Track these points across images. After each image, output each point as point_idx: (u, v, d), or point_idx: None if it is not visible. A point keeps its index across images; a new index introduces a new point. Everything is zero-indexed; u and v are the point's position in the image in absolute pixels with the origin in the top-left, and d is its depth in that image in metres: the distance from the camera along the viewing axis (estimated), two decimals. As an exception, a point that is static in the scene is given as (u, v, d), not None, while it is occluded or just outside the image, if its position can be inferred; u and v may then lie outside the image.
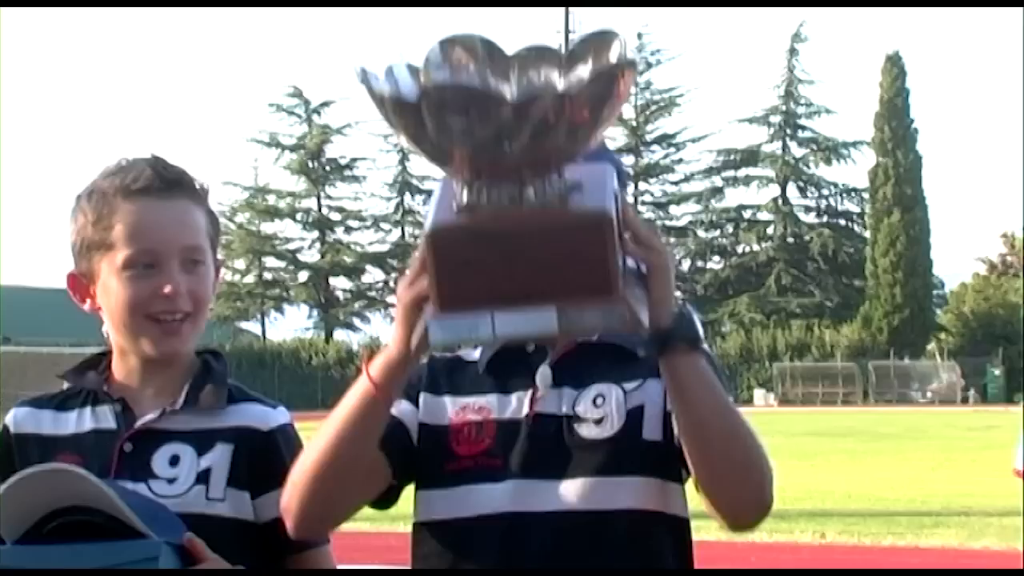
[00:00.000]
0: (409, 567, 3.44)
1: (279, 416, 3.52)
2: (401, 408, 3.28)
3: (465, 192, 2.82)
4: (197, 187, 3.50)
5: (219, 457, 3.41)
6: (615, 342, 3.30)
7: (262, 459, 3.43)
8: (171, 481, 3.37)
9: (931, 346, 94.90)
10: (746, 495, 3.08)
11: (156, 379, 3.50)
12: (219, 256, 3.59)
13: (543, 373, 3.27)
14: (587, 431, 3.23)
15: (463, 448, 3.28)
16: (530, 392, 3.27)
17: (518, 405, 3.29)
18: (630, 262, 2.92)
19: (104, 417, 3.47)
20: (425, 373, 3.38)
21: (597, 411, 3.24)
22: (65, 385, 3.60)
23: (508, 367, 3.33)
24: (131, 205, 3.42)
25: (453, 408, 3.34)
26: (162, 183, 3.43)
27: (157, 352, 3.44)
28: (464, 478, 3.27)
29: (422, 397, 3.35)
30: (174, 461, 3.40)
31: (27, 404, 3.62)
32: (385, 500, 3.35)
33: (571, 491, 3.20)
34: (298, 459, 3.20)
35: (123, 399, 3.47)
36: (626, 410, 3.24)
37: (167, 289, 3.38)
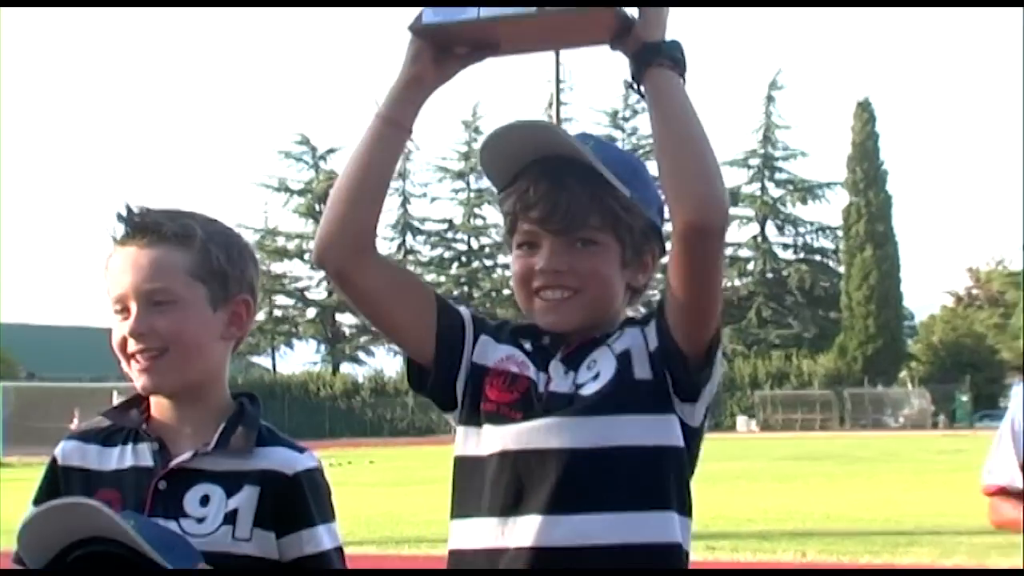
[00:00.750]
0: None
1: (305, 461, 3.50)
2: (463, 312, 3.47)
3: None
4: (175, 232, 3.45)
5: (246, 499, 3.40)
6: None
7: (286, 502, 3.43)
8: (200, 520, 3.37)
9: (903, 374, 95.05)
10: (714, 192, 3.18)
11: (191, 419, 3.50)
12: (242, 296, 3.55)
13: (555, 365, 3.34)
14: (588, 389, 3.28)
15: (493, 393, 3.35)
16: (546, 377, 3.32)
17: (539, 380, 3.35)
18: None
19: (143, 455, 3.47)
20: (485, 327, 3.48)
21: (592, 371, 3.30)
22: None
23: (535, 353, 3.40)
24: (112, 255, 3.49)
25: (499, 355, 3.41)
26: (131, 231, 3.46)
27: (142, 388, 3.47)
28: (487, 420, 3.34)
29: (482, 338, 3.44)
30: (204, 501, 3.39)
31: (75, 438, 3.61)
32: (422, 377, 3.45)
33: (576, 431, 3.25)
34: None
35: (160, 438, 3.47)
36: (615, 356, 3.30)
37: (128, 331, 3.41)
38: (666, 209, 3.27)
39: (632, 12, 3.21)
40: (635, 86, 3.24)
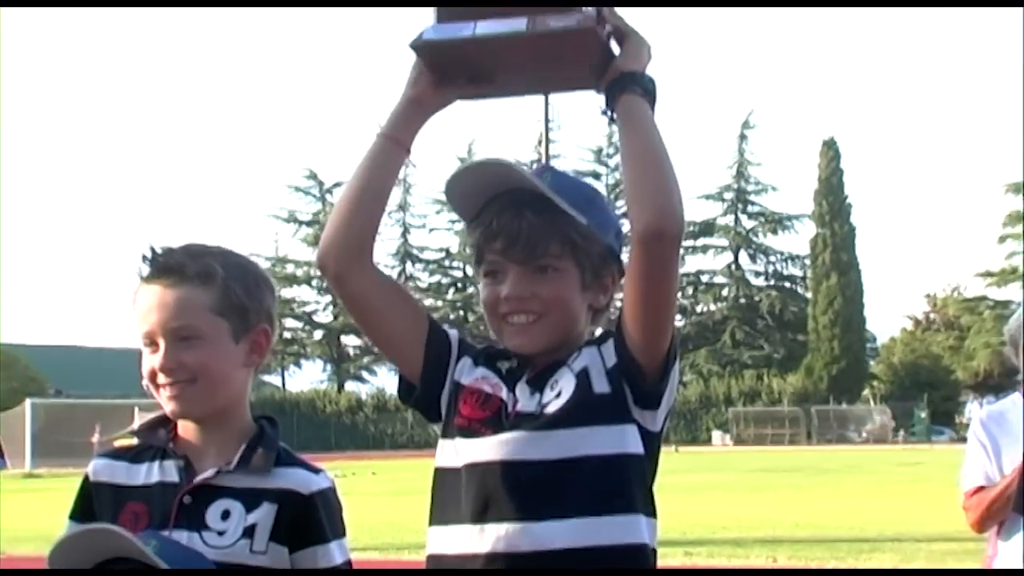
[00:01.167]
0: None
1: (320, 481, 3.53)
2: (451, 333, 3.54)
3: None
4: (197, 271, 3.48)
5: (264, 515, 3.44)
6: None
7: (301, 520, 3.46)
8: (221, 533, 3.40)
9: (865, 392, 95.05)
10: (672, 204, 3.20)
11: (215, 439, 3.54)
12: (262, 325, 3.61)
13: (521, 387, 3.38)
14: (551, 407, 3.31)
15: (466, 409, 3.40)
16: (514, 398, 3.36)
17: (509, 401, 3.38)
18: None
19: (169, 471, 3.50)
20: (469, 349, 3.52)
21: (555, 391, 3.33)
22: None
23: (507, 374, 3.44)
24: (139, 292, 3.52)
25: (475, 375, 3.45)
26: (156, 271, 3.51)
27: (171, 413, 3.53)
28: (459, 433, 3.39)
29: (464, 358, 3.49)
30: (225, 515, 3.43)
31: (105, 456, 3.67)
32: (406, 390, 3.54)
33: (540, 444, 3.28)
34: None
35: (186, 456, 3.51)
36: (574, 375, 3.32)
37: (158, 366, 3.46)
38: (625, 224, 3.32)
39: (614, 48, 3.31)
40: (609, 112, 3.31)
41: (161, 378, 3.46)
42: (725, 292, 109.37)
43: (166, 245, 3.54)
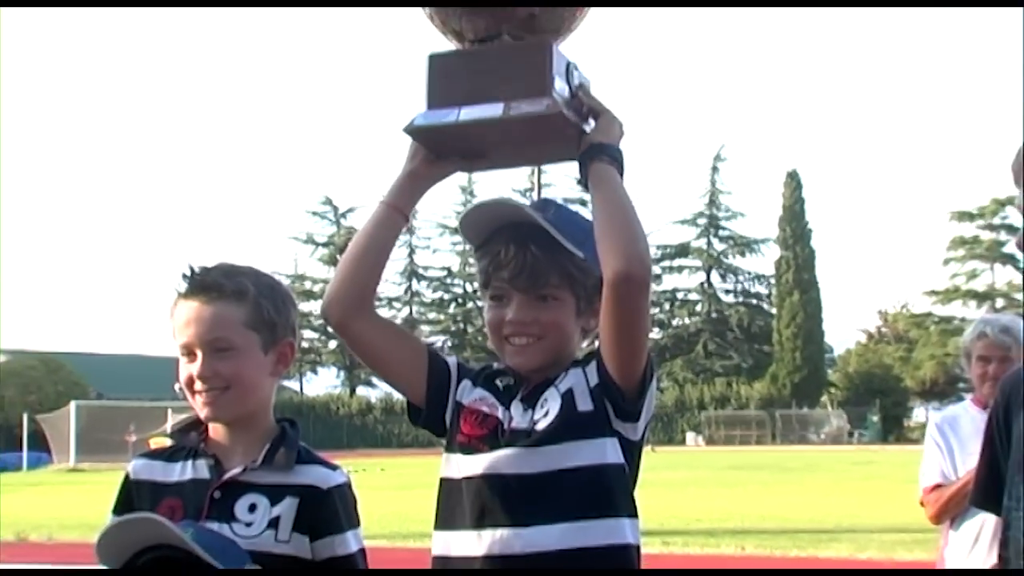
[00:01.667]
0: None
1: (337, 477, 3.56)
2: (449, 360, 3.57)
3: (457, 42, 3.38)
4: (232, 289, 3.52)
5: (287, 508, 3.46)
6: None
7: (320, 512, 3.49)
8: (248, 524, 3.43)
9: (824, 398, 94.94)
10: (639, 252, 3.24)
11: (242, 440, 3.56)
12: (288, 338, 3.64)
13: (515, 405, 3.41)
14: (541, 424, 3.34)
15: (466, 427, 3.44)
16: (509, 416, 3.39)
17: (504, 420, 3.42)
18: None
19: (201, 469, 3.53)
20: (467, 372, 3.56)
21: (544, 409, 3.36)
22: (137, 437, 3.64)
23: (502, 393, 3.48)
24: (178, 306, 3.55)
25: (474, 396, 3.48)
26: (194, 289, 3.54)
27: (205, 417, 3.57)
28: (460, 450, 3.43)
29: (464, 381, 3.52)
30: (252, 508, 3.46)
31: (144, 456, 3.72)
32: (414, 411, 3.57)
33: (530, 459, 3.31)
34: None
35: (216, 455, 3.54)
36: (560, 395, 3.35)
37: (195, 374, 3.49)
38: None
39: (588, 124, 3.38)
40: (583, 180, 3.36)
41: (198, 385, 3.49)
42: (698, 308, 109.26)
43: (203, 265, 3.57)
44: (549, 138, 3.39)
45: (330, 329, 3.77)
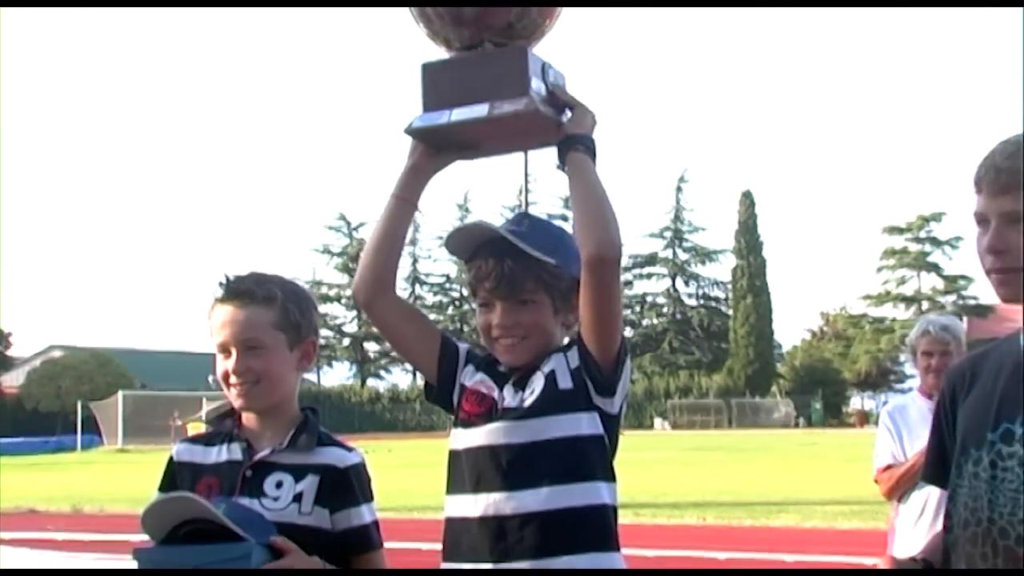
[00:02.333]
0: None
1: (353, 458, 3.57)
2: (460, 346, 3.62)
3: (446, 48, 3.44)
4: (263, 295, 3.56)
5: (309, 484, 3.48)
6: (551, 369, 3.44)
7: (338, 487, 3.50)
8: (275, 499, 3.46)
9: (773, 388, 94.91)
10: (611, 235, 3.28)
11: (270, 426, 3.58)
12: (311, 337, 3.67)
13: (508, 388, 3.45)
14: (527, 402, 3.38)
15: (467, 406, 3.49)
16: (503, 397, 3.43)
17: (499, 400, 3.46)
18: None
19: (234, 452, 3.56)
20: (473, 359, 3.59)
21: (530, 389, 3.40)
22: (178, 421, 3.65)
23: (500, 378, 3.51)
24: (215, 310, 3.58)
25: (476, 379, 3.52)
26: (230, 295, 3.57)
27: (239, 407, 3.60)
28: (462, 425, 3.48)
29: (469, 366, 3.56)
30: (279, 485, 3.48)
31: (185, 441, 3.77)
32: (430, 389, 3.63)
33: (518, 431, 3.34)
34: None
35: (247, 440, 3.57)
36: (544, 376, 3.38)
37: (230, 369, 3.53)
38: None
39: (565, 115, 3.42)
40: (561, 166, 3.38)
41: (232, 379, 3.53)
42: (665, 310, 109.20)
43: (237, 274, 3.62)
44: (530, 131, 3.44)
45: (352, 316, 3.80)
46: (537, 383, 3.38)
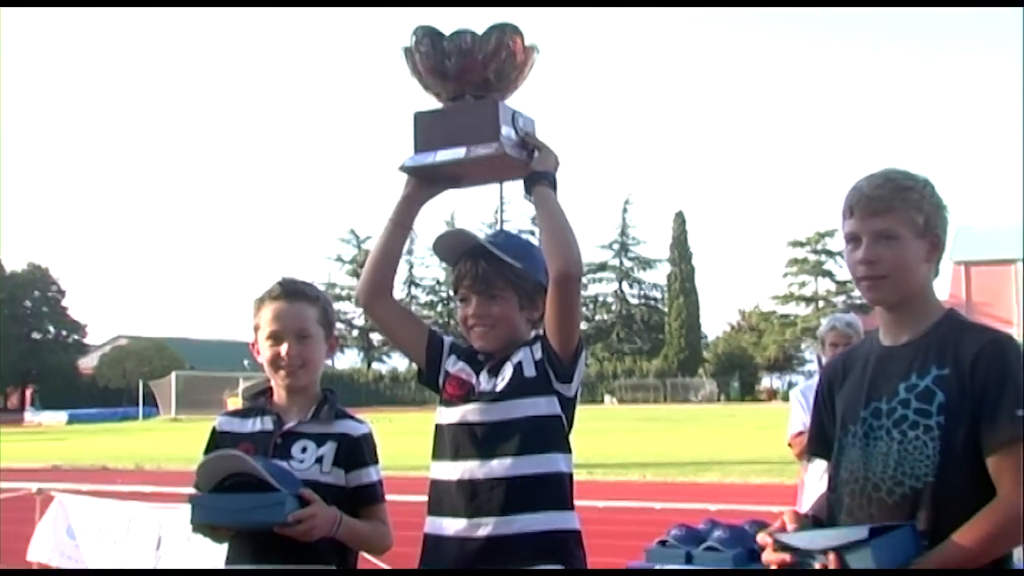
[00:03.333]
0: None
1: (364, 428, 3.60)
2: (445, 339, 3.57)
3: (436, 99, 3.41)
4: (311, 295, 3.63)
5: (328, 449, 3.49)
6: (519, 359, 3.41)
7: (352, 452, 3.53)
8: (301, 461, 3.47)
9: (700, 371, 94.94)
10: (573, 256, 3.26)
11: (297, 402, 3.59)
12: (335, 334, 3.73)
13: (484, 374, 3.43)
14: (498, 387, 3.36)
15: (450, 388, 3.46)
16: (478, 382, 3.42)
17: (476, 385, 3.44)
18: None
19: (267, 423, 3.57)
20: (456, 350, 3.54)
21: (501, 376, 3.38)
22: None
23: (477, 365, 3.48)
24: (268, 305, 3.59)
25: (458, 367, 3.49)
26: (284, 292, 3.60)
27: (285, 387, 3.60)
28: (445, 404, 3.46)
29: (452, 356, 3.52)
30: (303, 450, 3.49)
31: (226, 415, 3.75)
32: (421, 374, 3.58)
33: (489, 410, 3.34)
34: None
35: (277, 413, 3.58)
36: (512, 366, 3.37)
37: (282, 354, 3.54)
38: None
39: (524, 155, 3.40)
40: (528, 196, 3.37)
41: (283, 362, 3.54)
42: (613, 308, 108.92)
43: (289, 278, 3.66)
44: (501, 168, 3.43)
45: (360, 311, 3.83)
46: (507, 371, 3.36)
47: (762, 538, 2.86)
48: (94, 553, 9.83)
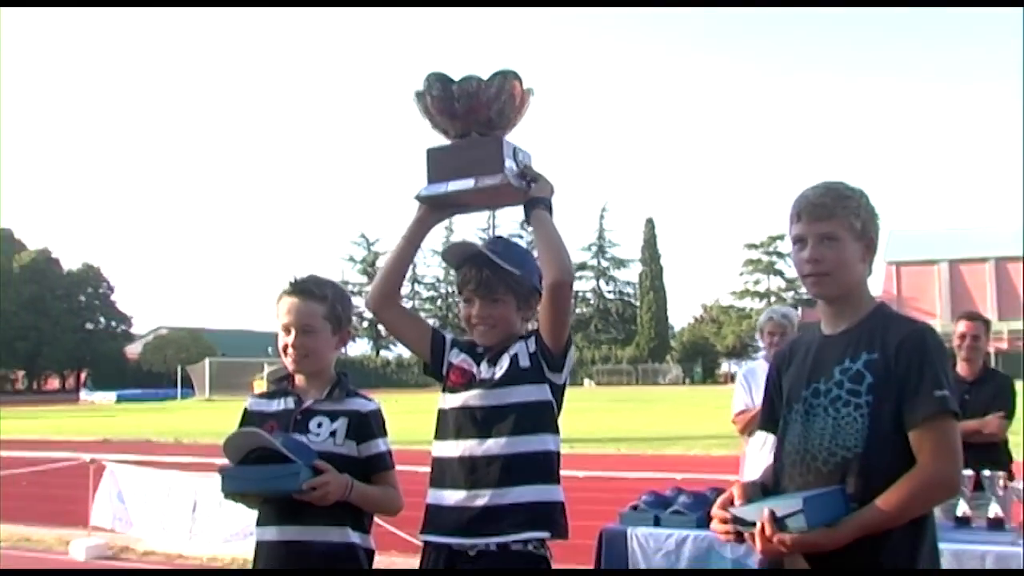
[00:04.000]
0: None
1: (372, 405, 3.58)
2: (447, 335, 3.55)
3: (444, 136, 3.40)
4: (319, 294, 3.59)
5: (341, 424, 3.50)
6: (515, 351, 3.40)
7: (362, 427, 3.52)
8: (317, 435, 3.48)
9: (668, 357, 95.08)
10: (566, 268, 3.26)
11: (314, 384, 3.60)
12: (349, 328, 3.68)
13: (484, 364, 3.41)
14: (496, 376, 3.36)
15: (453, 377, 3.44)
16: (479, 371, 3.40)
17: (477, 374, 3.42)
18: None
19: (288, 403, 3.58)
20: (457, 344, 3.53)
21: (499, 366, 3.37)
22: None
23: (476, 357, 3.46)
24: (282, 300, 3.59)
25: (460, 358, 3.47)
26: (295, 290, 3.59)
27: (293, 371, 3.62)
28: (449, 390, 3.44)
29: (454, 349, 3.50)
30: (319, 425, 3.50)
31: (254, 397, 3.74)
32: (427, 366, 3.54)
33: (488, 396, 3.33)
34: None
35: (297, 394, 3.59)
36: (508, 357, 3.36)
37: (288, 344, 3.55)
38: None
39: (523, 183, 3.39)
40: (527, 222, 3.36)
41: (290, 351, 3.55)
42: (591, 302, 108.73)
43: (301, 275, 3.64)
44: (505, 196, 3.41)
45: (370, 315, 3.79)
46: (504, 362, 3.36)
47: (715, 511, 2.89)
48: (141, 515, 9.95)
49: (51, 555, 10.03)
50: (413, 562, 3.77)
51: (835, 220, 2.87)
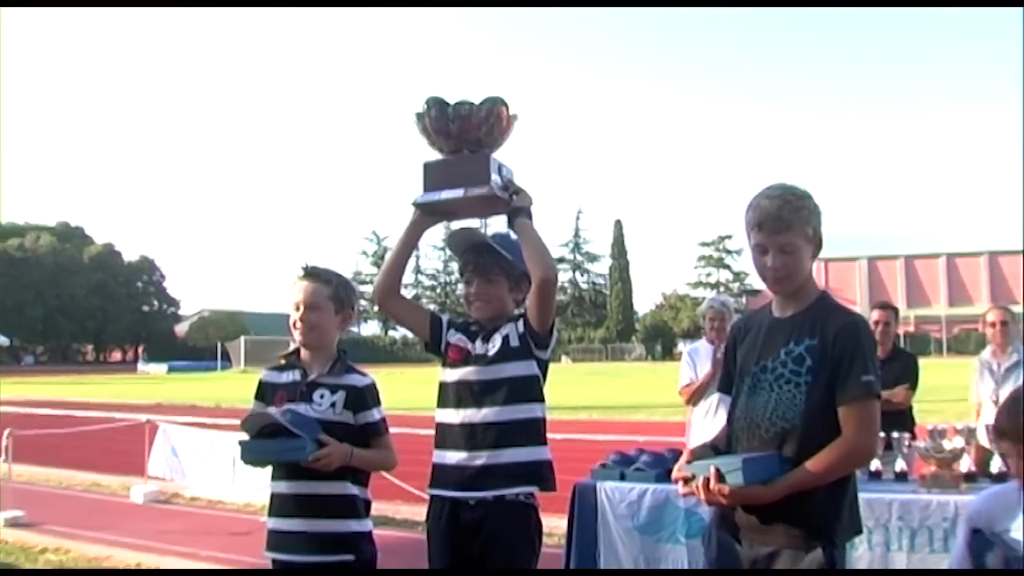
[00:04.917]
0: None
1: (367, 380, 3.55)
2: (443, 317, 3.50)
3: (438, 151, 3.34)
4: (325, 278, 3.57)
5: (339, 397, 3.48)
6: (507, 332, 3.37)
7: (358, 398, 3.50)
8: (319, 405, 3.46)
9: (633, 338, 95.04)
10: (549, 268, 3.25)
11: (318, 359, 3.57)
12: (352, 310, 3.63)
13: (478, 341, 3.39)
14: (490, 352, 3.34)
15: (451, 353, 3.41)
16: (474, 347, 3.39)
17: (472, 351, 3.40)
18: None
19: (296, 375, 3.56)
20: (453, 324, 3.50)
21: (493, 343, 3.35)
22: (282, 359, 3.67)
23: (471, 335, 3.43)
24: (296, 283, 3.58)
25: (456, 336, 3.45)
26: (306, 275, 3.57)
27: (300, 344, 3.59)
28: (448, 365, 3.41)
29: (451, 328, 3.47)
30: (321, 396, 3.48)
31: (268, 369, 3.70)
32: (427, 345, 3.49)
33: (485, 372, 3.31)
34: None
35: (304, 368, 3.56)
36: (501, 336, 3.35)
37: (297, 318, 3.54)
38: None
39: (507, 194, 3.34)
40: (511, 228, 3.34)
41: (298, 324, 3.53)
42: (568, 291, 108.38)
43: (312, 264, 3.62)
44: (490, 205, 3.38)
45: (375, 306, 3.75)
46: (497, 340, 3.34)
47: (675, 473, 2.89)
48: (189, 467, 10.14)
49: (115, 498, 10.21)
50: (417, 511, 3.78)
51: (792, 232, 2.82)
